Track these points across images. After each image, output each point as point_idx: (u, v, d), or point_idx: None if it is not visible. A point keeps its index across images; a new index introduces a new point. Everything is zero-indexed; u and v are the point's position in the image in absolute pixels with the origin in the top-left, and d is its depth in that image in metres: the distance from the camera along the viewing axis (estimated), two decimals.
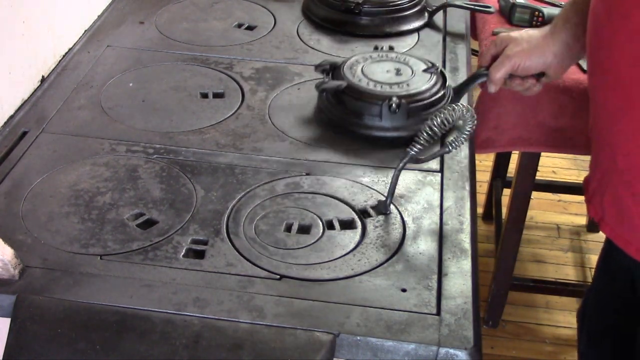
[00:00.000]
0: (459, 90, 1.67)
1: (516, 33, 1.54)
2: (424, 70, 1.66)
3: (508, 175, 2.93)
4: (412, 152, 1.37)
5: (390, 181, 1.38)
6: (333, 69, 1.67)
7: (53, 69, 1.78)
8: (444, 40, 1.97)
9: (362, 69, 1.65)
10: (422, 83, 1.62)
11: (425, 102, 1.59)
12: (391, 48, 1.89)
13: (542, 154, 2.36)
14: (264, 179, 1.45)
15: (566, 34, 1.50)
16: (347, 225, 1.35)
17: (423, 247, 1.30)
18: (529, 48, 1.51)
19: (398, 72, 1.65)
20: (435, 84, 1.63)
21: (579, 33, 1.47)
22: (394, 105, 1.54)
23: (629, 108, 1.32)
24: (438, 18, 2.08)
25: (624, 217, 1.41)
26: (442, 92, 1.62)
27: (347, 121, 1.59)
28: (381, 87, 1.60)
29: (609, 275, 1.64)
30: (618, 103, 1.34)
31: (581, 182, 1.58)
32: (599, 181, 1.46)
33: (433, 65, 1.68)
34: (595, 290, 1.72)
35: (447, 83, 1.66)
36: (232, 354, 1.10)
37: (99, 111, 1.64)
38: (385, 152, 1.54)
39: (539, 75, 1.56)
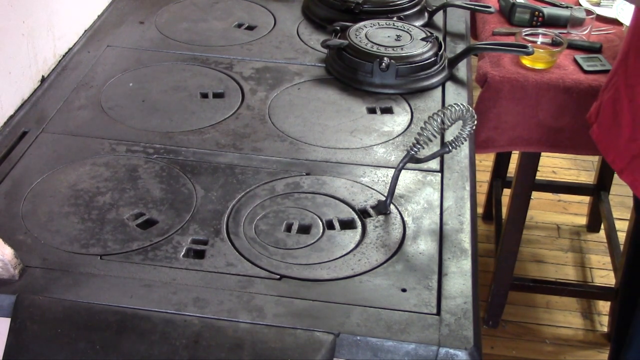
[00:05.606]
0: (453, 61, 1.83)
1: None
2: (422, 39, 1.82)
3: (508, 175, 2.92)
4: (412, 152, 1.37)
5: (390, 181, 1.38)
6: (342, 30, 1.87)
7: (53, 69, 1.78)
8: (444, 40, 1.97)
9: (366, 32, 1.85)
10: (415, 49, 1.79)
11: (415, 65, 1.75)
12: (400, 19, 1.96)
13: (542, 154, 2.36)
14: (264, 179, 1.45)
15: None
16: (347, 225, 1.35)
17: (423, 247, 1.30)
18: None
19: (398, 37, 1.83)
20: (428, 51, 1.79)
21: None
22: (384, 64, 1.70)
23: None
24: (438, 18, 2.08)
25: None
26: (433, 59, 1.77)
27: (344, 75, 1.77)
28: (377, 48, 1.78)
29: None
30: None
31: (581, 182, 1.58)
32: None
33: (431, 34, 1.83)
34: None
35: (442, 52, 1.80)
36: (232, 354, 1.10)
37: (99, 111, 1.64)
38: (385, 151, 1.54)
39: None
